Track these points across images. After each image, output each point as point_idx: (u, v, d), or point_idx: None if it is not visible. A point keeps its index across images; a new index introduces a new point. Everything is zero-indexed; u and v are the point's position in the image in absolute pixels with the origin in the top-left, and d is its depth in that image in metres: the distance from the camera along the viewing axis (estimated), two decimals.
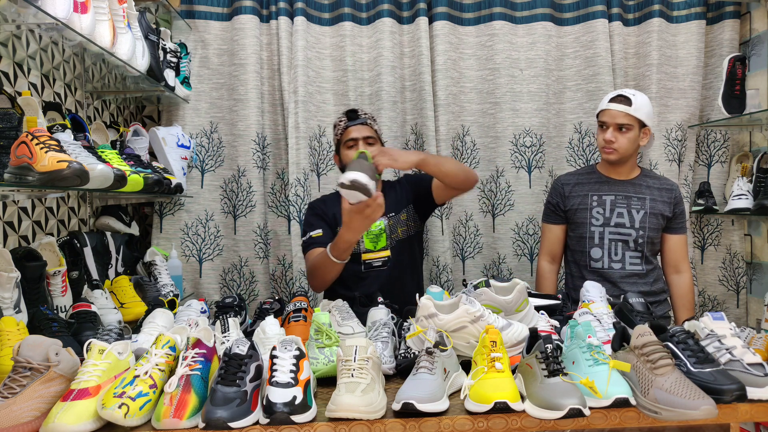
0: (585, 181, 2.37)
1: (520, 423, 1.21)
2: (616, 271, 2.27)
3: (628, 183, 2.32)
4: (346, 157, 2.24)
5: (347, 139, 2.24)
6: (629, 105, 2.21)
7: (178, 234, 2.84)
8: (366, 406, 1.19)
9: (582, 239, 2.32)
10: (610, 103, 2.25)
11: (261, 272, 2.88)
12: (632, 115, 2.21)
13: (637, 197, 2.29)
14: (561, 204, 2.37)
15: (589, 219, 2.31)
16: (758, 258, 2.84)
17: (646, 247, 2.28)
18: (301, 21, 2.81)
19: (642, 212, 2.28)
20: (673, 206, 2.32)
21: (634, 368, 1.29)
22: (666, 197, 2.31)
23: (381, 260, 2.25)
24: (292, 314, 1.80)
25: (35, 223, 2.04)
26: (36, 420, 1.17)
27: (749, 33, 2.84)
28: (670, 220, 2.32)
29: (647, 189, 2.31)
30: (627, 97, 2.23)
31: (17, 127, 1.56)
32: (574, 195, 2.35)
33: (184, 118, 2.85)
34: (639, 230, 2.27)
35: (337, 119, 2.31)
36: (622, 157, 2.26)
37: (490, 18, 2.90)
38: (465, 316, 1.45)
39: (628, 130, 2.22)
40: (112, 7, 1.88)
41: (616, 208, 2.29)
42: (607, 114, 2.24)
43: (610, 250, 2.28)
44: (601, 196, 2.31)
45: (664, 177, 2.45)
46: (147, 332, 1.60)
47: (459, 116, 2.93)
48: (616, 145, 2.23)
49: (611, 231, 2.28)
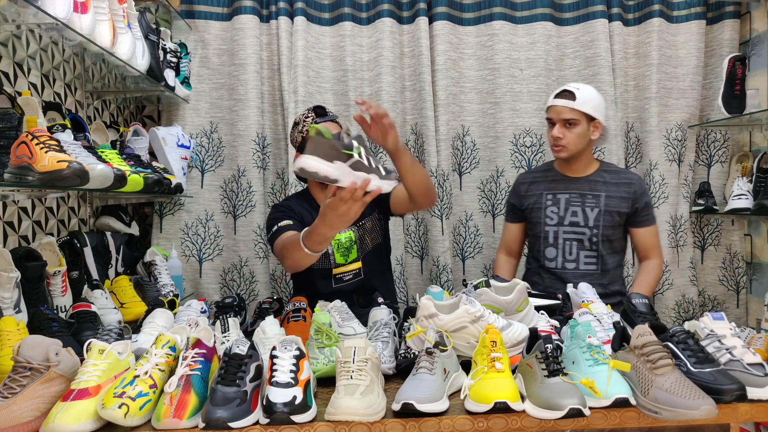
0: (541, 180, 2.34)
1: (520, 423, 1.21)
2: (570, 271, 2.24)
3: (583, 180, 2.28)
4: None
5: None
6: (573, 99, 2.17)
7: (178, 234, 2.84)
8: (365, 409, 1.19)
9: (537, 238, 2.30)
10: (554, 99, 2.21)
11: (261, 272, 2.88)
12: (577, 110, 2.17)
13: (592, 195, 2.26)
14: (518, 203, 2.37)
15: (543, 218, 2.28)
16: (758, 258, 2.84)
17: (602, 246, 2.24)
18: (301, 21, 2.81)
19: (596, 210, 2.24)
20: (633, 201, 2.25)
21: (634, 368, 1.29)
22: (624, 192, 2.25)
23: (352, 272, 2.15)
24: (291, 314, 1.80)
25: (35, 223, 2.04)
26: (36, 420, 1.17)
27: (749, 33, 2.84)
28: (633, 215, 2.27)
29: (603, 185, 2.27)
30: (571, 92, 2.19)
31: (17, 127, 1.56)
32: (530, 194, 2.33)
33: (184, 118, 2.85)
34: (593, 229, 2.23)
35: (301, 116, 2.13)
36: (572, 153, 2.22)
37: (490, 18, 2.91)
38: (465, 316, 1.45)
39: (575, 125, 2.18)
40: (112, 7, 1.88)
41: (570, 207, 2.26)
42: (553, 110, 2.21)
43: (565, 249, 2.26)
44: (555, 195, 2.29)
45: (625, 170, 2.39)
46: (147, 332, 1.60)
47: (459, 116, 2.93)
48: (565, 142, 2.19)
49: (566, 230, 2.26)
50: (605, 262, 2.26)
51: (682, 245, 2.91)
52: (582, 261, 2.25)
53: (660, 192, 2.89)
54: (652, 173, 2.89)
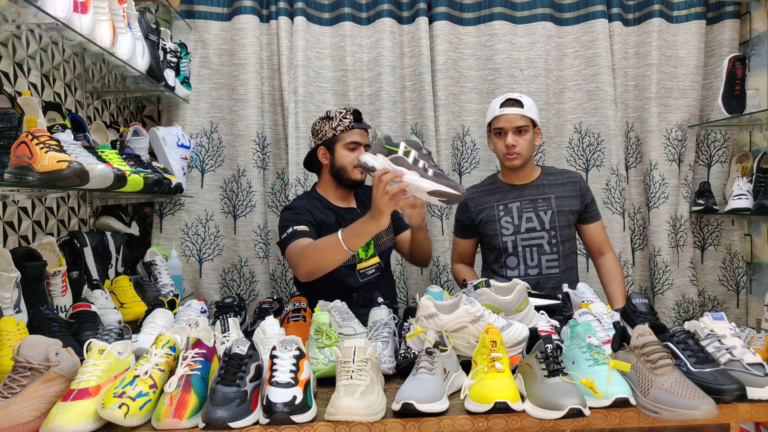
0: (488, 192, 2.36)
1: (520, 423, 1.21)
2: (533, 277, 2.25)
3: (531, 186, 2.31)
4: (342, 158, 2.20)
5: (351, 140, 2.20)
6: (522, 107, 2.22)
7: (178, 234, 2.84)
8: (365, 409, 1.19)
9: (496, 250, 2.31)
10: (503, 108, 2.23)
11: (261, 272, 2.88)
12: (527, 116, 2.22)
13: (542, 198, 2.28)
14: (467, 220, 2.37)
15: (499, 230, 2.29)
16: (758, 258, 2.84)
17: (561, 247, 2.27)
18: (301, 21, 2.81)
19: (549, 212, 2.26)
20: (581, 197, 2.30)
21: (634, 368, 1.29)
22: (571, 190, 2.29)
23: (373, 267, 2.26)
24: (291, 314, 1.80)
25: (35, 223, 2.04)
26: (36, 420, 1.17)
27: (749, 33, 2.84)
28: (583, 212, 2.31)
29: (551, 187, 2.30)
30: (518, 100, 2.23)
31: (17, 127, 1.56)
32: (480, 208, 2.34)
33: (184, 118, 2.85)
34: (550, 231, 2.26)
35: (338, 112, 2.23)
36: (525, 160, 2.25)
37: (490, 18, 2.90)
38: (465, 316, 1.45)
39: (526, 132, 2.23)
40: (112, 7, 1.88)
41: (524, 214, 2.28)
42: (503, 119, 2.22)
43: (525, 257, 2.27)
44: (507, 205, 2.30)
45: (566, 170, 2.43)
46: (147, 332, 1.60)
47: (459, 116, 2.93)
48: (519, 149, 2.22)
49: (523, 238, 2.27)
50: (565, 263, 2.28)
51: (682, 245, 2.91)
52: (544, 266, 2.26)
53: (660, 192, 2.89)
54: (652, 173, 2.89)
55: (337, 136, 2.21)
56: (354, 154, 2.19)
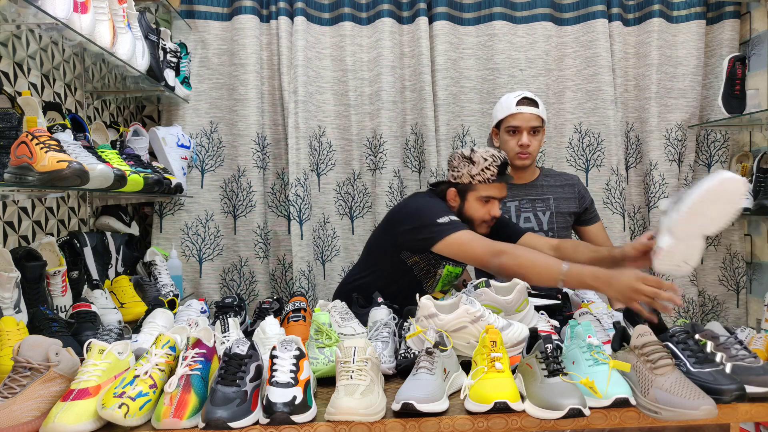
0: None
1: (520, 423, 1.21)
2: None
3: (530, 186, 2.28)
4: (472, 210, 1.96)
5: (487, 194, 1.94)
6: (537, 106, 2.18)
7: (178, 234, 2.84)
8: (365, 409, 1.19)
9: None
10: (519, 106, 2.18)
11: (261, 272, 2.88)
12: (541, 116, 2.19)
13: (541, 199, 2.25)
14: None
15: None
16: (758, 258, 2.83)
17: None
18: (301, 21, 2.81)
19: (548, 213, 2.24)
20: (580, 200, 2.28)
21: (634, 368, 1.29)
22: (569, 192, 2.27)
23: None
24: (291, 314, 1.80)
25: (35, 223, 2.04)
26: (36, 420, 1.17)
27: (749, 33, 2.84)
28: (582, 214, 2.28)
29: (549, 188, 2.27)
30: (533, 99, 2.19)
31: (17, 127, 1.56)
32: None
33: (184, 118, 2.85)
34: (548, 232, 2.23)
35: (482, 159, 1.92)
36: (533, 160, 2.22)
37: (490, 18, 2.91)
38: (465, 316, 1.45)
39: (539, 132, 2.20)
40: (112, 7, 1.88)
41: (521, 214, 2.25)
42: (520, 118, 2.17)
43: None
44: (505, 204, 2.23)
45: (564, 172, 2.42)
46: (147, 332, 1.60)
47: (459, 116, 2.93)
48: (531, 149, 2.19)
49: None
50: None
51: None
52: None
53: (660, 192, 2.89)
54: (652, 173, 2.89)
55: (473, 186, 1.95)
56: (486, 208, 1.95)
